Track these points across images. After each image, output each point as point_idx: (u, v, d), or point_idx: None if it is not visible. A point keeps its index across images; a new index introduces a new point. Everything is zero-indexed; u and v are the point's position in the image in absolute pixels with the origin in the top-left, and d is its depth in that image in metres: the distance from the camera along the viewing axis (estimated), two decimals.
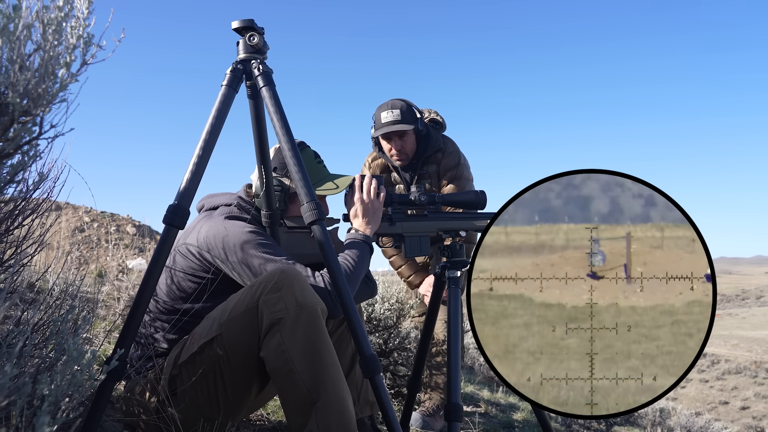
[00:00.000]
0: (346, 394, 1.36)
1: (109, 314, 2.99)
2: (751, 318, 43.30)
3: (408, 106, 2.63)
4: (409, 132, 2.64)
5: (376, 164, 2.87)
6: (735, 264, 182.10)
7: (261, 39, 1.47)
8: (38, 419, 0.81)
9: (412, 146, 2.68)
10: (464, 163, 2.76)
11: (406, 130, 2.61)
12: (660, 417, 5.85)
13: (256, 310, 1.37)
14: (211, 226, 1.59)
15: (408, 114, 2.61)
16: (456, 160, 2.73)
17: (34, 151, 1.01)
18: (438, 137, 2.74)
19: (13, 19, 0.90)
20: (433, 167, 2.73)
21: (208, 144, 1.39)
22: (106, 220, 8.14)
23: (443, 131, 2.81)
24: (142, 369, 1.56)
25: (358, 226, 1.71)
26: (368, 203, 1.71)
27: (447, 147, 2.74)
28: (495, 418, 3.52)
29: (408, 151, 2.68)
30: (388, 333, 3.17)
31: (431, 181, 2.74)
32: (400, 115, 2.58)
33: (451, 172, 2.71)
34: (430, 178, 2.74)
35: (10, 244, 1.32)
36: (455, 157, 2.73)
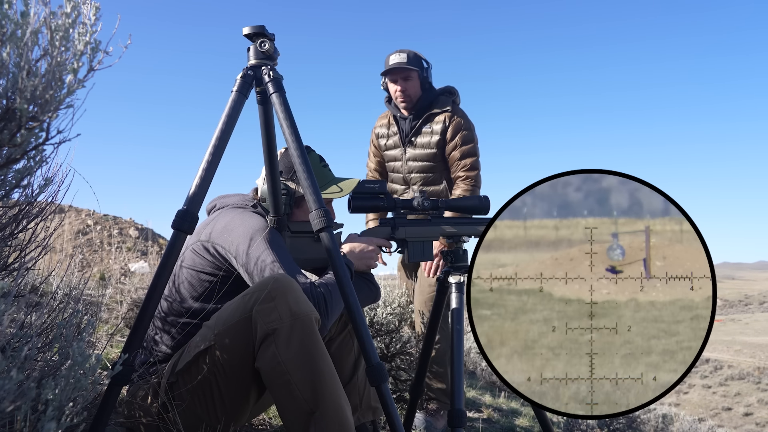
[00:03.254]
0: (345, 403, 1.35)
1: (112, 317, 2.99)
2: (754, 323, 43.13)
3: (417, 54, 2.76)
4: (414, 76, 2.76)
5: (380, 124, 2.99)
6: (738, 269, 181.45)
7: (272, 45, 1.48)
8: (44, 424, 0.81)
9: (415, 90, 2.78)
10: (474, 131, 2.81)
11: (411, 71, 2.73)
12: (663, 423, 5.82)
13: (249, 321, 1.36)
14: (229, 220, 1.61)
15: (415, 60, 2.75)
16: (468, 125, 2.79)
17: (40, 156, 1.01)
18: (448, 100, 2.81)
19: (21, 25, 0.91)
20: (439, 126, 2.77)
21: (218, 149, 1.40)
22: (109, 223, 8.17)
23: (455, 99, 2.86)
24: (145, 374, 1.56)
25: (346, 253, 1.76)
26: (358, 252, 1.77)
27: (458, 111, 2.81)
28: (497, 423, 3.51)
29: (411, 94, 2.78)
30: (390, 338, 3.17)
31: (433, 140, 2.77)
32: (407, 59, 2.73)
33: (462, 134, 2.75)
34: (432, 135, 2.77)
35: (14, 247, 1.33)
36: (468, 123, 2.79)
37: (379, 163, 3.07)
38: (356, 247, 1.76)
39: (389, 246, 1.85)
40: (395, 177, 2.97)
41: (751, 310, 56.89)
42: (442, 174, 2.84)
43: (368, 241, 1.79)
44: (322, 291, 1.51)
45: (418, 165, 2.84)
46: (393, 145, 2.93)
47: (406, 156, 2.86)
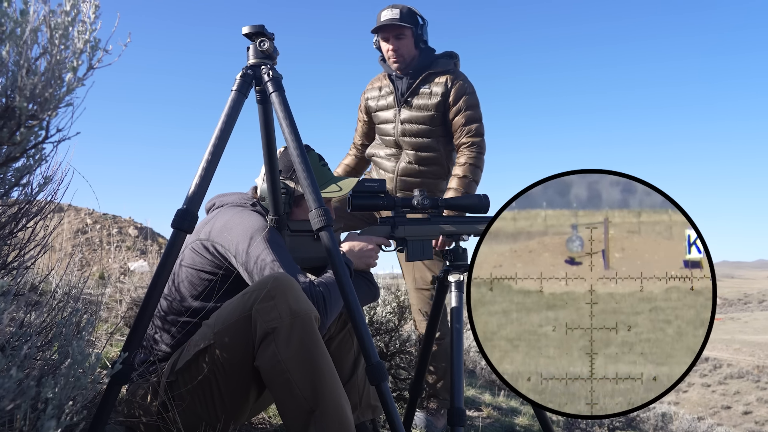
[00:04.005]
0: (345, 402, 1.35)
1: (111, 316, 2.99)
2: (754, 322, 43.18)
3: (411, 9, 2.54)
4: (407, 34, 2.54)
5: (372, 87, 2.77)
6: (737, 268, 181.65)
7: (271, 45, 1.48)
8: (43, 423, 0.81)
9: (409, 50, 2.57)
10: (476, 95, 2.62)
11: (404, 29, 2.52)
12: (662, 422, 5.83)
13: (249, 319, 1.36)
14: (229, 219, 1.61)
15: (408, 16, 2.53)
16: (471, 89, 2.59)
17: (39, 154, 1.01)
18: (448, 62, 2.63)
19: (20, 23, 0.90)
20: (439, 88, 2.57)
21: (217, 149, 1.40)
22: (108, 222, 8.16)
23: (456, 62, 2.67)
24: (145, 373, 1.56)
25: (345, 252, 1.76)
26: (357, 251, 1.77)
27: (459, 74, 2.61)
28: (497, 422, 3.52)
29: (404, 53, 2.57)
30: (390, 336, 3.17)
31: (432, 102, 2.57)
32: (399, 15, 2.51)
33: (466, 98, 2.55)
34: (431, 97, 2.57)
35: (13, 246, 1.32)
36: (470, 86, 2.59)
37: (366, 130, 2.84)
38: (355, 246, 1.77)
39: (388, 244, 1.85)
40: (386, 140, 2.72)
41: (750, 309, 56.97)
42: (438, 140, 2.63)
43: (367, 240, 1.79)
44: (321, 290, 1.51)
45: (414, 128, 2.61)
46: (386, 106, 2.69)
47: (401, 116, 2.63)
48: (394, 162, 2.71)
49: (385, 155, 2.75)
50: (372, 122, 2.79)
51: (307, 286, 1.50)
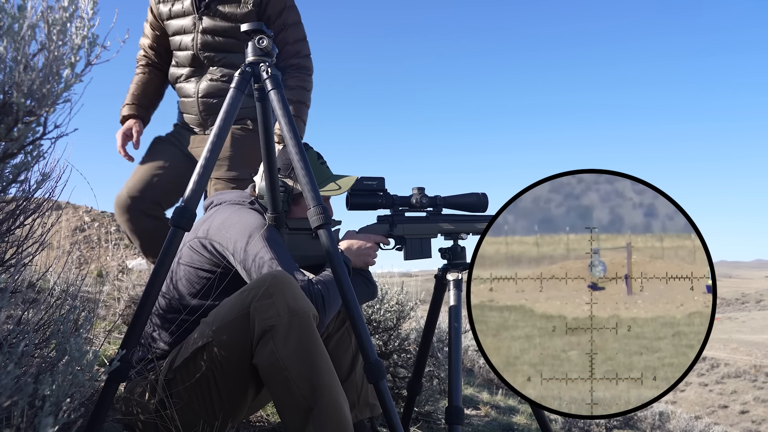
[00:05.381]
0: (343, 400, 1.35)
1: (109, 314, 2.99)
2: (751, 322, 43.26)
3: None
4: None
5: None
6: (735, 268, 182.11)
7: (270, 42, 1.47)
8: (41, 420, 0.80)
9: None
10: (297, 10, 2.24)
11: None
12: (659, 420, 5.84)
13: (247, 317, 1.35)
14: (227, 217, 1.60)
15: None
16: (291, 2, 2.20)
17: (37, 151, 1.01)
18: None
19: (17, 19, 0.90)
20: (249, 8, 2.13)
21: (216, 146, 1.39)
22: (107, 220, 8.14)
23: None
24: (143, 370, 1.56)
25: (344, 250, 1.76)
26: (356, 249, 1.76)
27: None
28: (495, 420, 3.52)
29: None
30: (388, 335, 3.17)
31: (241, 11, 2.13)
32: None
33: (288, 11, 2.18)
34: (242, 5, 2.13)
35: (11, 243, 1.32)
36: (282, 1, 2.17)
37: (156, 38, 2.32)
38: (354, 244, 1.76)
39: (387, 243, 1.85)
40: (182, 56, 2.23)
41: (747, 309, 57.08)
42: None
43: (366, 238, 1.79)
44: (319, 288, 1.51)
45: (218, 42, 2.17)
46: (181, 12, 2.20)
47: (202, 25, 2.17)
48: (194, 83, 2.25)
49: (183, 76, 2.27)
50: (164, 31, 2.29)
51: (306, 284, 1.49)
